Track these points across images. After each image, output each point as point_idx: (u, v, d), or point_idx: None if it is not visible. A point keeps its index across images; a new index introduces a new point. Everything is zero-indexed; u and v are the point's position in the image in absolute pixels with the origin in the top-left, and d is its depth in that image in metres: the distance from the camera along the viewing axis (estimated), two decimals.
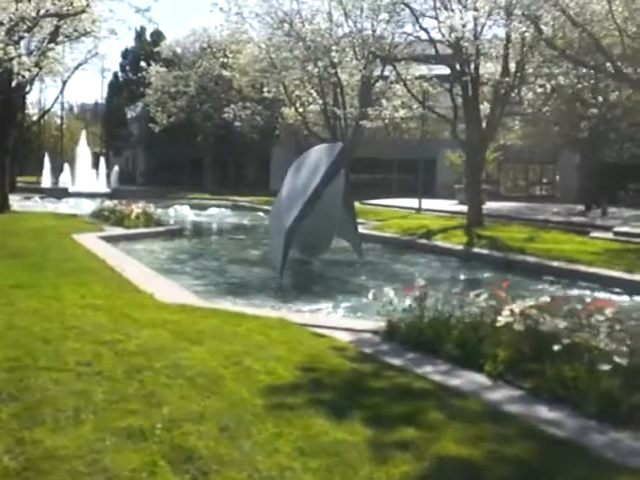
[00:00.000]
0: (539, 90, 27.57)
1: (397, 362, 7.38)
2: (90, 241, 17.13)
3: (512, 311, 7.85)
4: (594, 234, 24.19)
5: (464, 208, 33.06)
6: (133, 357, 6.58)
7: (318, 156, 16.15)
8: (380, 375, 6.76)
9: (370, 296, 9.06)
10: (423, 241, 21.61)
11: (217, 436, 4.97)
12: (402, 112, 35.82)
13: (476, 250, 19.72)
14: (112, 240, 18.51)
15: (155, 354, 6.69)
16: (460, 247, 20.29)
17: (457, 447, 5.15)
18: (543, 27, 24.05)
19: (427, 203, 35.85)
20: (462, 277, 16.26)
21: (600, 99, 31.37)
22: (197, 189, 48.83)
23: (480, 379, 7.00)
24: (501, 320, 7.79)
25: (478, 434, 5.45)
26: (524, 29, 23.17)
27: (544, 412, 6.16)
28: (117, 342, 7.04)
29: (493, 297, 8.41)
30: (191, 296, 10.90)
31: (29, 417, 5.10)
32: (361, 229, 19.18)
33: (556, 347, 7.11)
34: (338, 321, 9.81)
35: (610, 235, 24.14)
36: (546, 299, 8.07)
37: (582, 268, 16.35)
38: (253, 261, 17.87)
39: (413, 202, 36.74)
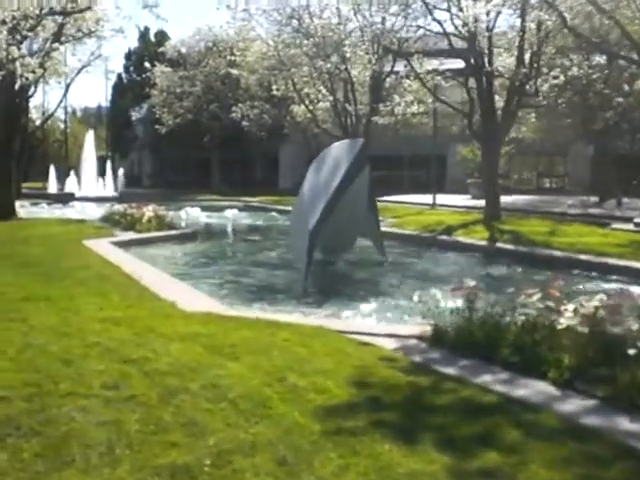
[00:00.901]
0: (554, 82, 26.96)
1: (452, 371, 6.71)
2: (102, 247, 16.43)
3: (575, 311, 7.20)
4: (615, 226, 23.67)
5: (479, 203, 32.57)
6: (165, 377, 5.87)
7: (339, 153, 15.54)
8: (439, 388, 6.08)
9: (415, 298, 8.38)
10: (444, 237, 20.93)
11: (275, 471, 4.28)
12: (414, 107, 35.19)
13: (500, 245, 19.08)
14: (125, 245, 17.82)
15: (189, 373, 5.99)
16: (483, 242, 19.66)
17: (549, 473, 4.49)
18: (547, 16, 23.33)
19: (439, 198, 35.25)
20: (492, 274, 15.53)
21: (626, 88, 30.77)
22: (205, 190, 48.10)
23: (546, 388, 6.34)
24: (563, 322, 7.13)
25: (566, 455, 4.78)
26: (546, 17, 22.37)
27: (625, 424, 5.51)
28: (145, 360, 6.33)
29: (547, 296, 7.80)
30: (215, 303, 10.23)
31: (55, 456, 4.38)
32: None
33: (632, 351, 6.45)
34: (379, 327, 9.10)
35: (631, 227, 23.63)
36: (602, 297, 7.42)
37: (612, 261, 15.74)
38: (273, 263, 17.14)
39: (425, 198, 36.13)
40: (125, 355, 6.50)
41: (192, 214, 30.48)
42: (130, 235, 20.05)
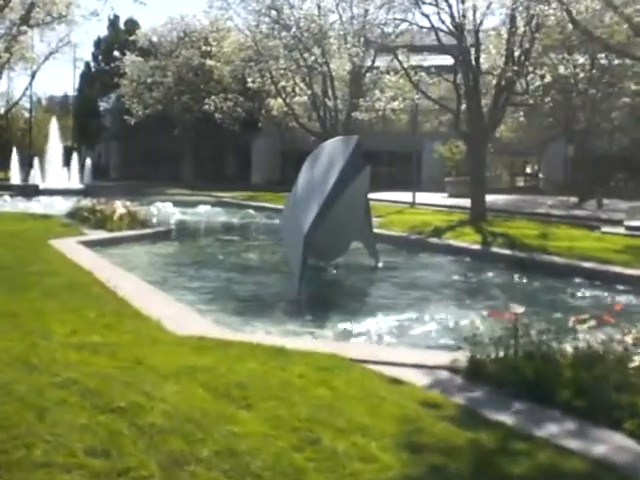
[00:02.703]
0: (546, 80, 26.16)
1: (507, 419, 5.59)
2: (71, 248, 14.98)
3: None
4: (605, 229, 22.80)
5: (458, 202, 31.95)
6: (165, 438, 4.57)
7: (333, 150, 14.41)
8: (509, 449, 4.92)
9: (451, 324, 7.22)
10: (434, 240, 19.84)
11: None
12: (395, 103, 34.09)
13: (495, 250, 18.06)
14: (95, 245, 16.42)
15: (196, 431, 4.70)
16: (477, 246, 18.63)
17: None
18: (552, 11, 22.31)
19: (417, 197, 34.34)
20: (496, 282, 14.39)
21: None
22: (175, 184, 46.59)
23: (625, 442, 5.26)
24: (636, 360, 5.99)
25: None
26: (551, 11, 21.28)
27: None
28: (137, 409, 5.03)
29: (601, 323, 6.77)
30: (206, 322, 8.93)
31: None
32: None
33: None
34: (401, 354, 7.85)
35: (622, 230, 22.80)
36: None
37: (618, 270, 14.70)
38: (256, 267, 15.89)
39: (403, 196, 35.10)
40: (111, 400, 5.21)
41: (164, 210, 29.06)
42: (101, 234, 18.63)
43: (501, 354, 6.75)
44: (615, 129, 40.34)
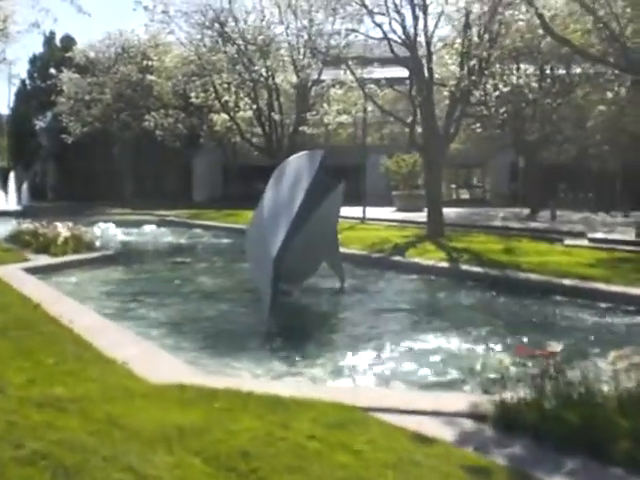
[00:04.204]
0: (504, 90, 25.65)
1: None
2: (16, 276, 13.73)
3: None
4: (568, 242, 22.14)
5: (408, 215, 31.50)
6: None
7: (297, 167, 13.48)
8: None
9: (478, 367, 6.26)
10: (399, 258, 18.88)
11: None
12: (344, 117, 33.31)
13: (465, 268, 17.15)
14: (40, 272, 15.23)
15: None
16: (445, 264, 17.69)
17: None
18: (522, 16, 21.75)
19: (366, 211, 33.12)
20: (479, 304, 13.47)
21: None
22: (115, 203, 44.99)
23: None
24: None
25: None
26: (521, 16, 20.67)
27: None
28: None
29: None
30: (179, 364, 7.82)
31: None
32: None
33: None
34: (414, 399, 6.81)
35: (585, 242, 22.17)
36: None
37: (602, 287, 13.89)
38: (217, 293, 14.66)
39: (351, 211, 33.91)
40: None
41: (107, 231, 27.75)
42: (45, 259, 17.35)
43: (530, 397, 5.86)
44: (564, 140, 40.15)
